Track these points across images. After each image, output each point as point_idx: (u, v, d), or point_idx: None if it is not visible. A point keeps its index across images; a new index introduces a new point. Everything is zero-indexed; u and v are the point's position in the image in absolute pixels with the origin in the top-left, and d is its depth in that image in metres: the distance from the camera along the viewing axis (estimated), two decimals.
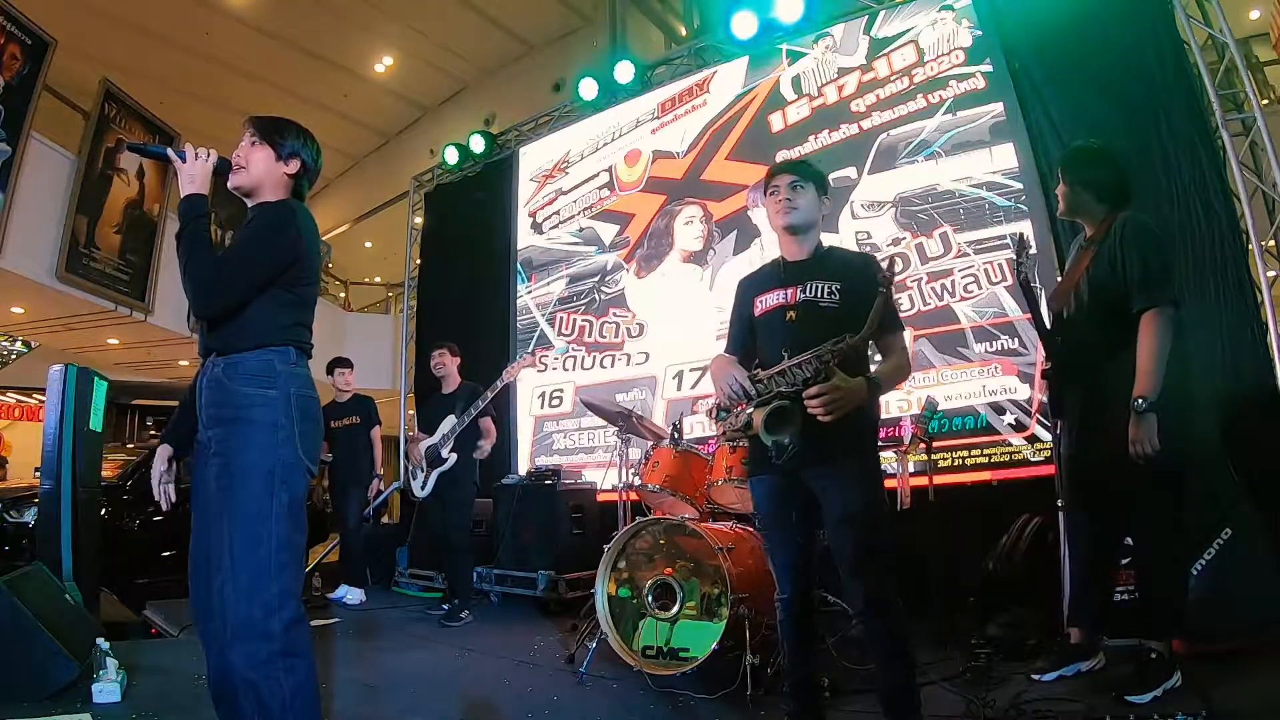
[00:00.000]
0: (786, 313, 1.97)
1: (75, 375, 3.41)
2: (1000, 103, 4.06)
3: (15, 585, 2.56)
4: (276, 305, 1.67)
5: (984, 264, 3.98)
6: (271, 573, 1.55)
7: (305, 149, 1.82)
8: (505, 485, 4.93)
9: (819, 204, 2.05)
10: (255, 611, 1.51)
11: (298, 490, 1.63)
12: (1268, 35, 5.92)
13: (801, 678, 1.96)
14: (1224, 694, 2.14)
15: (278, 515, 1.58)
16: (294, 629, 1.55)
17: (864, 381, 1.82)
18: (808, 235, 2.05)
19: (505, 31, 10.45)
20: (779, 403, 1.79)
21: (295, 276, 1.70)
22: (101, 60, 8.06)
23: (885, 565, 1.82)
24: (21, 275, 6.06)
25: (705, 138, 5.32)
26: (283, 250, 1.67)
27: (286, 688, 1.51)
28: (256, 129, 1.79)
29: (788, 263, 2.06)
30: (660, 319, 5.32)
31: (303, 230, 1.70)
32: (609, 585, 2.89)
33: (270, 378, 1.63)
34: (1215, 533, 2.63)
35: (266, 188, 1.77)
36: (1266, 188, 3.55)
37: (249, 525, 1.55)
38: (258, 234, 1.69)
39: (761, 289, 2.07)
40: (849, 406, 1.75)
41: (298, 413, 1.65)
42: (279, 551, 1.57)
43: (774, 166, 2.13)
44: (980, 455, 3.83)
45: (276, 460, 1.60)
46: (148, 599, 4.01)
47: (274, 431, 1.61)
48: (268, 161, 1.77)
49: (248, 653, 1.50)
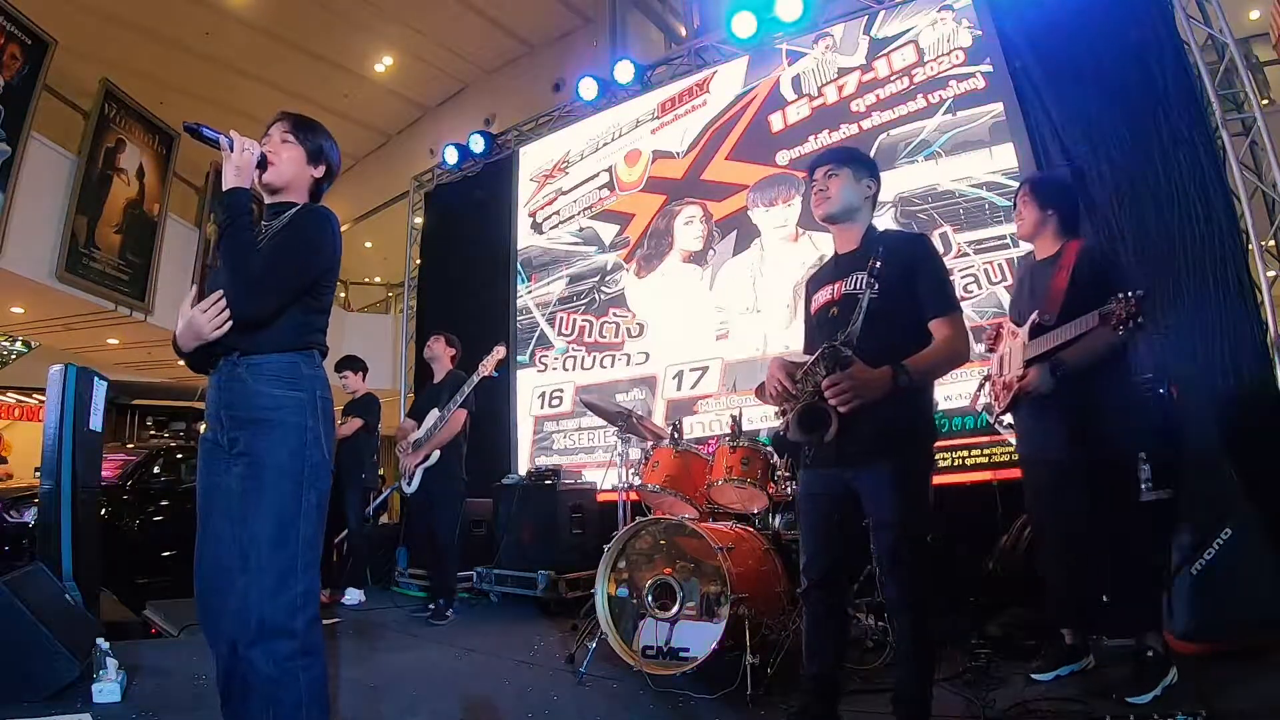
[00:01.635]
0: (831, 309, 1.94)
1: (75, 375, 3.41)
2: (1000, 103, 4.07)
3: (15, 585, 2.56)
4: (305, 310, 1.69)
5: (984, 264, 3.98)
6: (297, 572, 1.56)
7: (332, 154, 1.84)
8: (505, 485, 4.93)
9: (859, 187, 1.97)
10: (280, 610, 1.52)
11: (324, 490, 1.66)
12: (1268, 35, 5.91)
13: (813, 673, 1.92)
14: (1224, 694, 2.14)
15: (305, 515, 1.59)
16: (314, 627, 1.57)
17: (888, 371, 1.72)
18: (852, 222, 1.98)
19: (505, 31, 10.44)
20: (808, 401, 1.78)
21: (325, 283, 1.72)
22: (101, 60, 8.06)
23: (915, 568, 1.79)
24: (21, 275, 6.07)
25: (705, 138, 5.32)
26: (324, 258, 1.70)
27: (304, 684, 1.53)
28: (292, 126, 1.78)
29: (839, 256, 2.03)
30: (660, 319, 5.32)
31: (339, 238, 1.74)
32: (609, 585, 2.89)
33: (297, 380, 1.65)
34: (1215, 533, 2.62)
35: (293, 189, 1.78)
36: (1266, 188, 3.55)
37: (278, 526, 1.56)
38: (305, 240, 1.69)
39: (818, 286, 2.05)
40: (866, 396, 1.69)
41: (323, 414, 1.67)
42: (305, 551, 1.58)
43: (810, 160, 2.08)
44: (980, 455, 3.83)
45: (306, 461, 1.61)
46: (148, 599, 4.01)
47: (302, 433, 1.62)
48: (299, 163, 1.77)
49: (270, 651, 1.51)
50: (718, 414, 4.75)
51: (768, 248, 4.86)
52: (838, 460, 1.81)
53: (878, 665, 2.66)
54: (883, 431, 1.75)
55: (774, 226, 4.86)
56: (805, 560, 1.95)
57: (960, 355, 1.86)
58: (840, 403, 1.69)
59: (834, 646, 1.93)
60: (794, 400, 1.84)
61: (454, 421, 4.11)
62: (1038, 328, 2.43)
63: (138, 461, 5.25)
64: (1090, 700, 2.23)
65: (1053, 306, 2.40)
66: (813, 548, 1.94)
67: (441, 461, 4.13)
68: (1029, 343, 2.45)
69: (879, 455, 1.78)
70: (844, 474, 1.85)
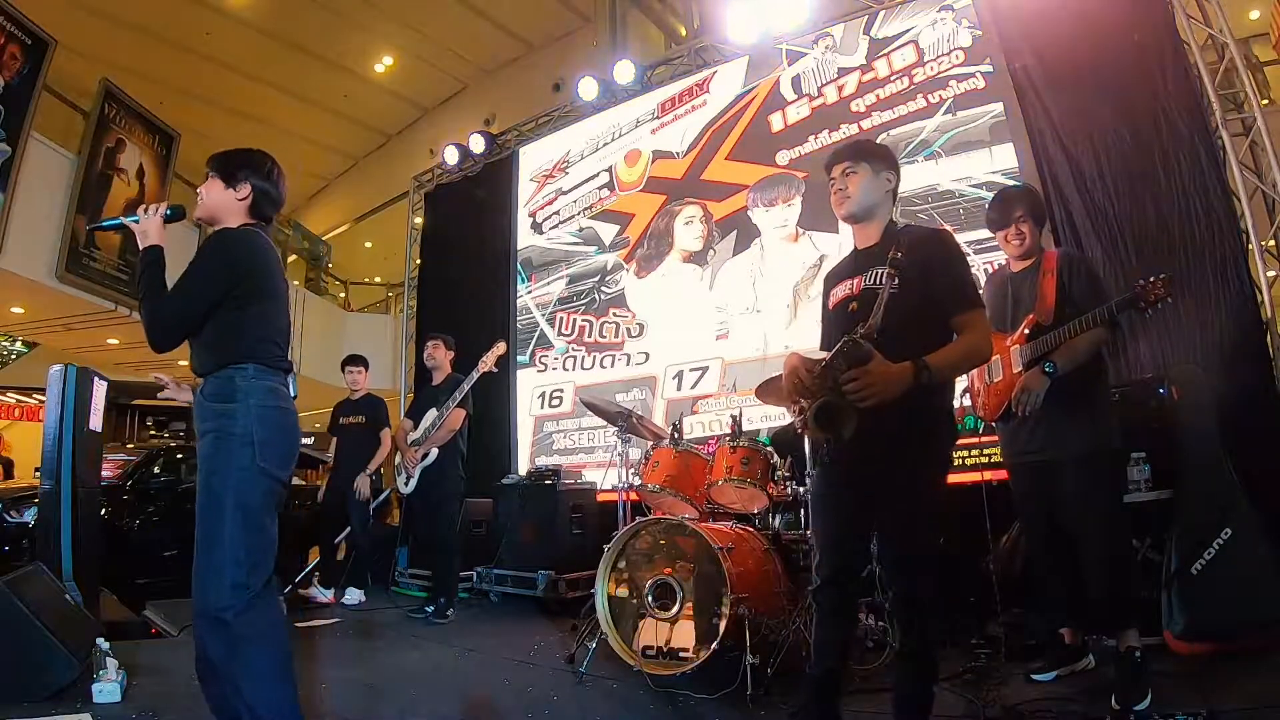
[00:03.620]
0: (850, 304, 1.90)
1: (75, 375, 3.41)
2: (1000, 103, 4.07)
3: (15, 585, 2.56)
4: (229, 326, 1.82)
5: (984, 264, 3.98)
6: (225, 566, 1.71)
7: (255, 174, 1.93)
8: (505, 485, 4.93)
9: (879, 182, 1.93)
10: (210, 601, 1.71)
11: (251, 494, 1.77)
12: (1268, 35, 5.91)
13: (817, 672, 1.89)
14: (1224, 694, 2.14)
15: (231, 515, 1.73)
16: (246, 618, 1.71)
17: (909, 367, 1.66)
18: (872, 219, 1.96)
19: (505, 31, 10.45)
20: (825, 398, 1.71)
21: (244, 296, 1.82)
22: (101, 60, 8.06)
23: (920, 569, 1.78)
24: (21, 275, 6.06)
25: (705, 138, 5.32)
26: (220, 278, 1.81)
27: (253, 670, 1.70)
28: (210, 165, 1.96)
29: (858, 251, 2.00)
30: (660, 319, 5.32)
31: (244, 253, 1.84)
32: (609, 585, 2.89)
33: (230, 392, 1.79)
34: (1215, 533, 2.63)
35: (223, 216, 1.93)
36: (1266, 188, 3.55)
37: (208, 523, 1.75)
38: (192, 268, 1.83)
39: (836, 281, 2.02)
40: (886, 392, 1.63)
41: (256, 422, 1.79)
42: (232, 548, 1.73)
43: (828, 157, 2.03)
44: (980, 455, 3.82)
45: (235, 465, 1.76)
46: (148, 599, 4.00)
47: (230, 440, 1.77)
48: (217, 191, 1.92)
49: (214, 639, 1.71)
50: (718, 414, 4.75)
51: (768, 248, 4.86)
52: (856, 459, 1.75)
53: (878, 665, 2.65)
54: (903, 430, 1.70)
55: (774, 226, 4.86)
56: (818, 558, 1.92)
57: (982, 353, 1.84)
58: (860, 399, 1.64)
59: (842, 645, 1.91)
60: (811, 396, 1.76)
61: (452, 420, 4.11)
62: (1038, 328, 2.46)
63: (138, 461, 5.24)
64: (1090, 700, 2.23)
65: (1045, 310, 2.46)
66: (827, 546, 1.91)
67: (439, 461, 4.12)
68: (1028, 344, 2.46)
69: (899, 455, 1.73)
70: (862, 472, 1.79)
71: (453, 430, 4.13)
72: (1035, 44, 3.98)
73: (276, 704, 1.72)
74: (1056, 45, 3.88)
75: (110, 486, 4.59)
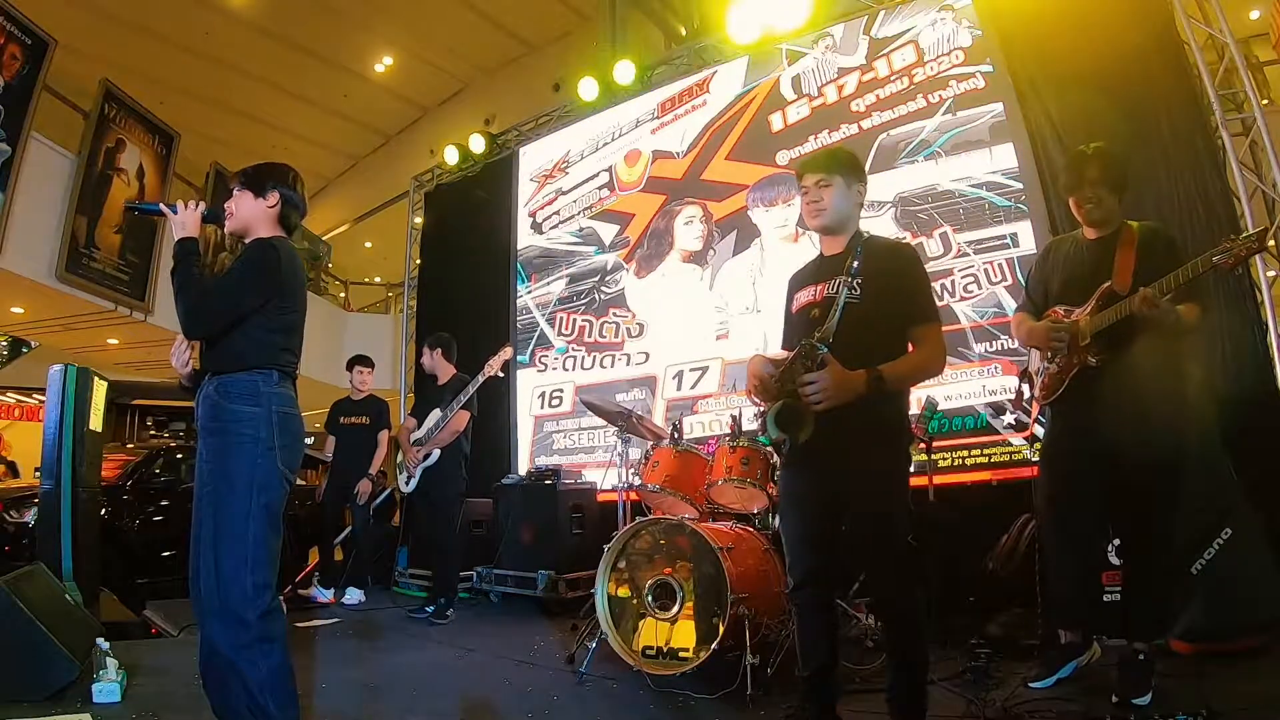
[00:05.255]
0: (812, 310, 1.96)
1: (75, 375, 3.41)
2: (1000, 103, 4.06)
3: (15, 585, 2.56)
4: (261, 333, 1.90)
5: (984, 264, 3.98)
6: (248, 567, 1.76)
7: (281, 182, 2.04)
8: (505, 485, 4.93)
9: (851, 194, 1.99)
10: (233, 600, 1.73)
11: (275, 496, 1.85)
12: (1268, 35, 5.91)
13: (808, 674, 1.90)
14: (1224, 694, 2.14)
15: (255, 516, 1.79)
16: (268, 618, 1.77)
17: (863, 375, 1.76)
18: (843, 229, 2.01)
19: (505, 31, 10.45)
20: (784, 400, 1.81)
21: (277, 307, 1.92)
22: (101, 60, 8.05)
23: (897, 566, 1.81)
24: (21, 275, 6.06)
25: (705, 138, 5.32)
26: (262, 287, 1.90)
27: (264, 669, 1.73)
28: (237, 180, 2.05)
29: (824, 258, 2.05)
30: (660, 319, 5.32)
31: (283, 267, 1.92)
32: (609, 585, 2.89)
33: (255, 397, 1.86)
34: (1215, 533, 2.63)
35: (255, 226, 2.03)
36: (1266, 188, 3.54)
37: (231, 524, 1.78)
38: (240, 272, 1.92)
39: (800, 286, 2.07)
40: (839, 397, 1.73)
41: (278, 429, 1.87)
42: (255, 548, 1.78)
43: (799, 163, 2.07)
44: (980, 455, 3.83)
45: (257, 469, 1.82)
46: (148, 599, 4.01)
47: (256, 444, 1.83)
48: (248, 202, 2.02)
49: (228, 638, 1.73)
50: (718, 414, 4.75)
51: (768, 248, 4.85)
52: (818, 459, 1.83)
53: (877, 665, 2.65)
54: (864, 431, 1.77)
55: (774, 226, 4.86)
56: (790, 561, 1.96)
57: (934, 367, 1.91)
58: (814, 402, 1.73)
59: (827, 646, 1.92)
60: (771, 398, 1.87)
61: (456, 422, 4.12)
62: (1112, 295, 2.27)
63: (138, 461, 5.24)
64: (1090, 700, 2.23)
65: (1124, 280, 2.27)
66: (797, 548, 1.95)
67: (441, 462, 4.13)
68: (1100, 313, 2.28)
69: (860, 456, 1.80)
70: (825, 473, 1.87)
71: (456, 432, 4.15)
72: (1035, 44, 3.98)
73: (285, 704, 1.76)
74: (1056, 45, 3.88)
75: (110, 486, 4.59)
